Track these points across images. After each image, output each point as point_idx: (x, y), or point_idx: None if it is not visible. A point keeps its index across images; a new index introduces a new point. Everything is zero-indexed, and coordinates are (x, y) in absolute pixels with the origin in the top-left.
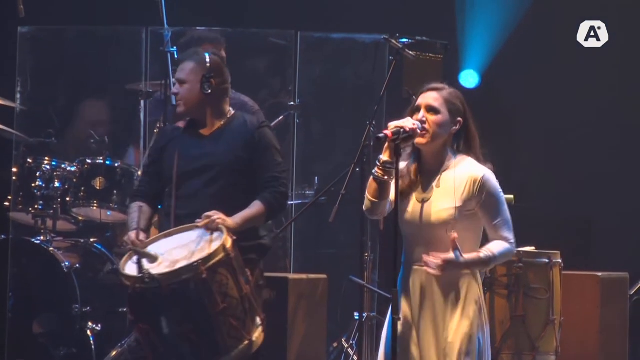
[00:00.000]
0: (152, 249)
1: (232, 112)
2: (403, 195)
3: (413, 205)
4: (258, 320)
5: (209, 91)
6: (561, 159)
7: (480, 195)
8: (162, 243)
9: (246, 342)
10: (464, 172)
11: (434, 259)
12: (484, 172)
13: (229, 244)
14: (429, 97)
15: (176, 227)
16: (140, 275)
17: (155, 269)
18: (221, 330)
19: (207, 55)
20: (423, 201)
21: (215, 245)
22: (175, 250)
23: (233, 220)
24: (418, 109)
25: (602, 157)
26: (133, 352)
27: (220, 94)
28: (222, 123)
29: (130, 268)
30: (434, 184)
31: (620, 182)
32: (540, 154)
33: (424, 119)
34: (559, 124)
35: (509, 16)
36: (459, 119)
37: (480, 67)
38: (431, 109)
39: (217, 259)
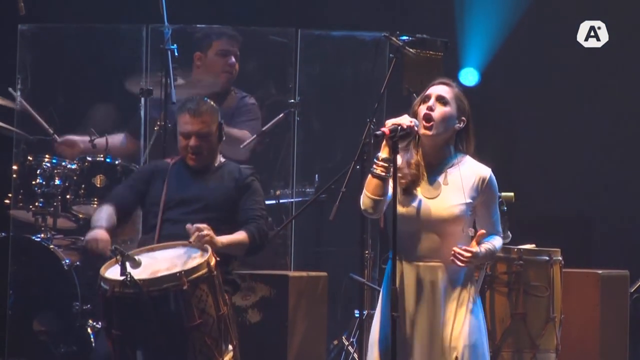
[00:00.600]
0: (136, 257)
1: (223, 159)
2: (407, 192)
3: (420, 202)
4: (230, 346)
5: (224, 138)
6: (561, 157)
7: (485, 193)
8: (144, 255)
9: None
10: (471, 170)
11: (464, 252)
12: (489, 171)
13: (212, 262)
14: (441, 89)
15: (160, 244)
16: (122, 277)
17: (136, 275)
18: (194, 346)
19: (208, 100)
20: (431, 197)
21: (199, 260)
22: (158, 263)
23: (219, 239)
24: (427, 98)
25: (602, 156)
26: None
27: (222, 135)
28: (215, 165)
29: (111, 272)
30: (440, 180)
31: (621, 180)
32: (541, 151)
33: (434, 107)
34: (559, 123)
35: (509, 14)
36: (464, 118)
37: (480, 65)
38: (441, 99)
39: (199, 273)
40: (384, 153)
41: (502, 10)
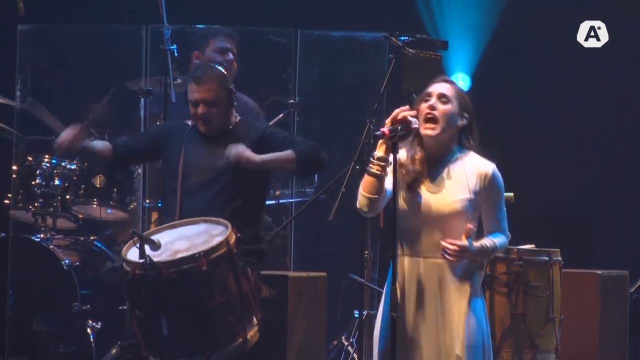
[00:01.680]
0: (155, 238)
1: (238, 117)
2: (411, 188)
3: (423, 197)
4: (255, 319)
5: (236, 103)
6: (561, 157)
7: (488, 189)
8: (165, 234)
9: (240, 339)
10: (474, 166)
11: (451, 245)
12: (493, 167)
13: (232, 239)
14: (442, 87)
15: (180, 220)
16: (141, 260)
17: (156, 256)
18: (216, 324)
19: (218, 67)
20: (434, 192)
21: (219, 239)
22: (178, 242)
23: (259, 157)
24: (429, 97)
25: (602, 156)
26: (128, 351)
27: (233, 100)
28: (229, 127)
29: (132, 254)
30: (444, 175)
31: (620, 180)
32: (540, 152)
33: (435, 105)
34: (559, 123)
35: (488, 16)
36: (466, 115)
37: (471, 69)
38: (443, 97)
39: (219, 252)
40: (380, 152)
41: (481, 13)
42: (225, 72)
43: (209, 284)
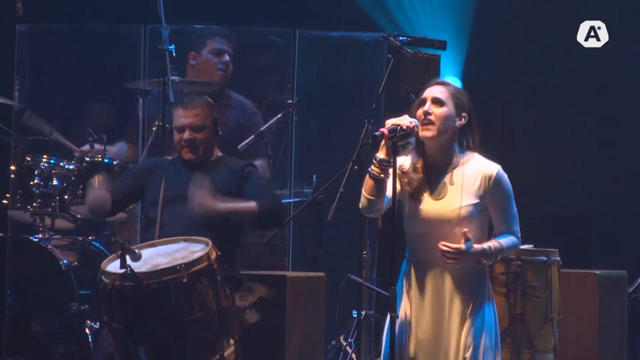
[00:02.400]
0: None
1: (220, 153)
2: (415, 195)
3: (427, 204)
4: (232, 340)
5: (220, 133)
6: (560, 157)
7: (493, 191)
8: (145, 250)
9: (217, 356)
10: (477, 169)
11: (447, 248)
12: (497, 168)
13: (213, 255)
14: (436, 90)
15: (160, 239)
16: (121, 270)
17: (136, 268)
18: (194, 339)
19: (207, 98)
20: (438, 199)
21: (199, 253)
22: (157, 257)
23: (223, 206)
24: (424, 102)
25: (601, 155)
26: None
27: (218, 130)
28: (212, 159)
29: (112, 266)
30: (446, 181)
31: (619, 180)
32: (539, 152)
33: (430, 110)
34: (558, 123)
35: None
36: (464, 114)
37: (458, 73)
38: (437, 101)
39: (200, 266)
40: (381, 154)
41: (452, 13)
42: (212, 102)
43: (188, 297)
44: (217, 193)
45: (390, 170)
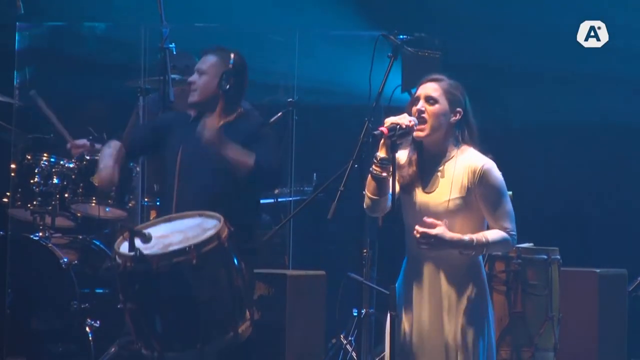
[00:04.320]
0: (147, 231)
1: (243, 110)
2: (408, 188)
3: (419, 197)
4: (247, 314)
5: (227, 88)
6: (560, 155)
7: (480, 185)
8: (161, 227)
9: (231, 333)
10: (464, 162)
11: (419, 232)
12: (483, 162)
13: (224, 233)
14: (429, 88)
15: (177, 213)
16: (131, 253)
17: (147, 249)
18: (206, 318)
19: (232, 54)
20: (429, 192)
21: (210, 232)
22: (172, 235)
23: (226, 145)
24: (417, 100)
25: (602, 154)
26: (127, 347)
27: (235, 94)
28: (229, 120)
29: (125, 247)
30: (438, 174)
31: (619, 179)
32: (539, 150)
33: (423, 108)
34: (558, 122)
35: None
36: (459, 109)
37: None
38: (430, 99)
39: (210, 246)
40: (381, 152)
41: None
42: (234, 61)
43: (199, 278)
44: (226, 137)
45: (391, 169)
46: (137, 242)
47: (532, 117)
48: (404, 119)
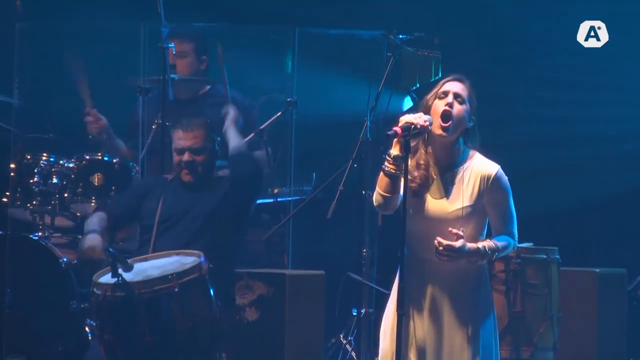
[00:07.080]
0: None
1: (221, 173)
2: (416, 194)
3: (430, 202)
4: (224, 355)
5: (219, 153)
6: (560, 155)
7: (492, 191)
8: (138, 264)
9: None
10: (477, 169)
11: (439, 245)
12: (496, 168)
13: (204, 268)
14: (457, 86)
15: (153, 253)
16: (113, 280)
17: (129, 277)
18: (185, 349)
19: (205, 119)
20: (439, 198)
21: (191, 265)
22: (150, 269)
23: (232, 131)
24: (445, 94)
25: (600, 154)
26: None
27: (218, 151)
28: (212, 179)
29: (104, 278)
30: (448, 180)
31: (619, 178)
32: (539, 150)
33: (453, 104)
34: (558, 122)
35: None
36: (473, 117)
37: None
38: (459, 97)
39: (191, 276)
40: (395, 150)
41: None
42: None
43: (180, 307)
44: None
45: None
46: (119, 269)
47: (532, 117)
48: (419, 119)
